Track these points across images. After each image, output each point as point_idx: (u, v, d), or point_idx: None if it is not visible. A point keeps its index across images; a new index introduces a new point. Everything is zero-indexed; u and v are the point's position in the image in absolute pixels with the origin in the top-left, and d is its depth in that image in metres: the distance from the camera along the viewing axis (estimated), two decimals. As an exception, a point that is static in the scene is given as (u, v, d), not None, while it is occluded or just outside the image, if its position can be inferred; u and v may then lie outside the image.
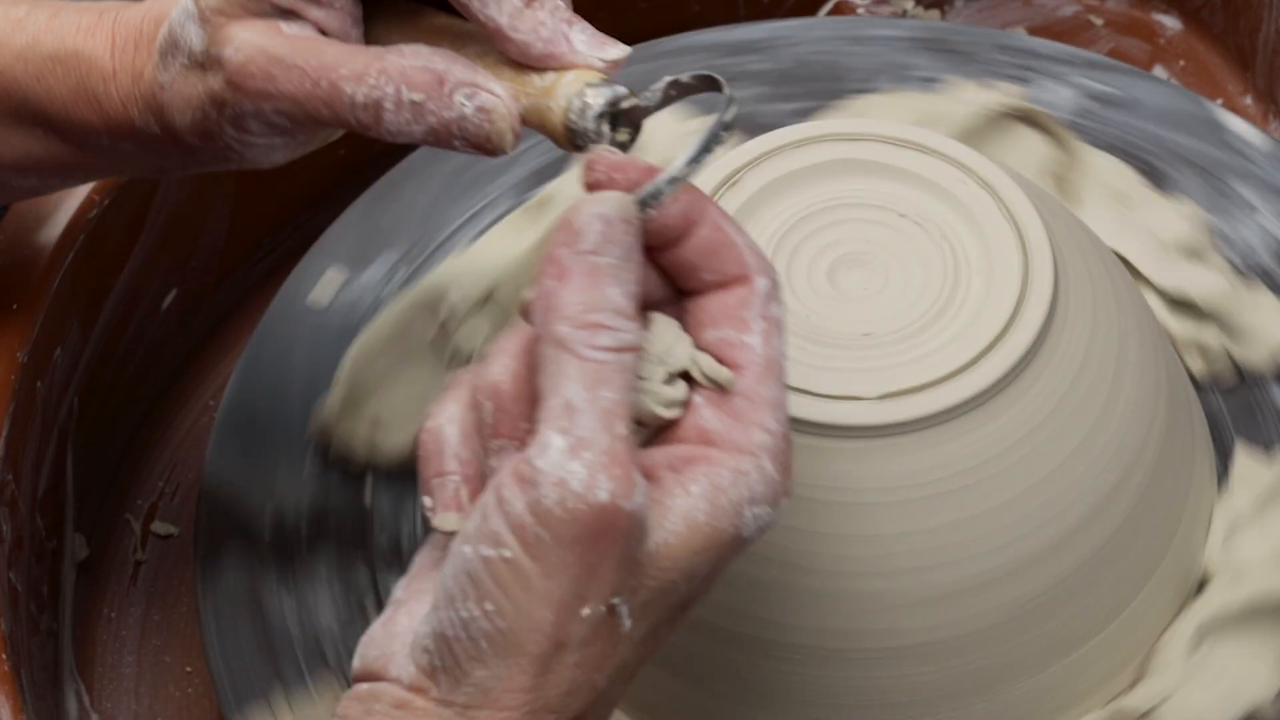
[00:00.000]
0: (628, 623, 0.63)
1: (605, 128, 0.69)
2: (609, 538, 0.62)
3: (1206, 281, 0.93)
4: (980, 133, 0.98)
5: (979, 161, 0.84)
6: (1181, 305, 0.93)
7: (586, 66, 0.70)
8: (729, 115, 0.66)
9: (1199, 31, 1.19)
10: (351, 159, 1.14)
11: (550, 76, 0.70)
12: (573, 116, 0.69)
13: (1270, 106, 1.14)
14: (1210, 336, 0.92)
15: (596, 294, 0.63)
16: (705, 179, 0.83)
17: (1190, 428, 0.87)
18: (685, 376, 0.66)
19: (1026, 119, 0.99)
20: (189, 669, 0.98)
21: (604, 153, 0.66)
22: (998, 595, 0.79)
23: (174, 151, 0.78)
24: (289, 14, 0.73)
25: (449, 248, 0.99)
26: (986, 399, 0.78)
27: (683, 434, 0.66)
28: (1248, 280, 0.94)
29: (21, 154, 0.81)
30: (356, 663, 0.66)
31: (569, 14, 0.70)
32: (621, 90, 0.69)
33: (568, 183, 0.99)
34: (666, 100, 0.69)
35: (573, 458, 0.61)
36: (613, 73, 0.70)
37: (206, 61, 0.74)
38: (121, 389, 1.04)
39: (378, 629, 0.66)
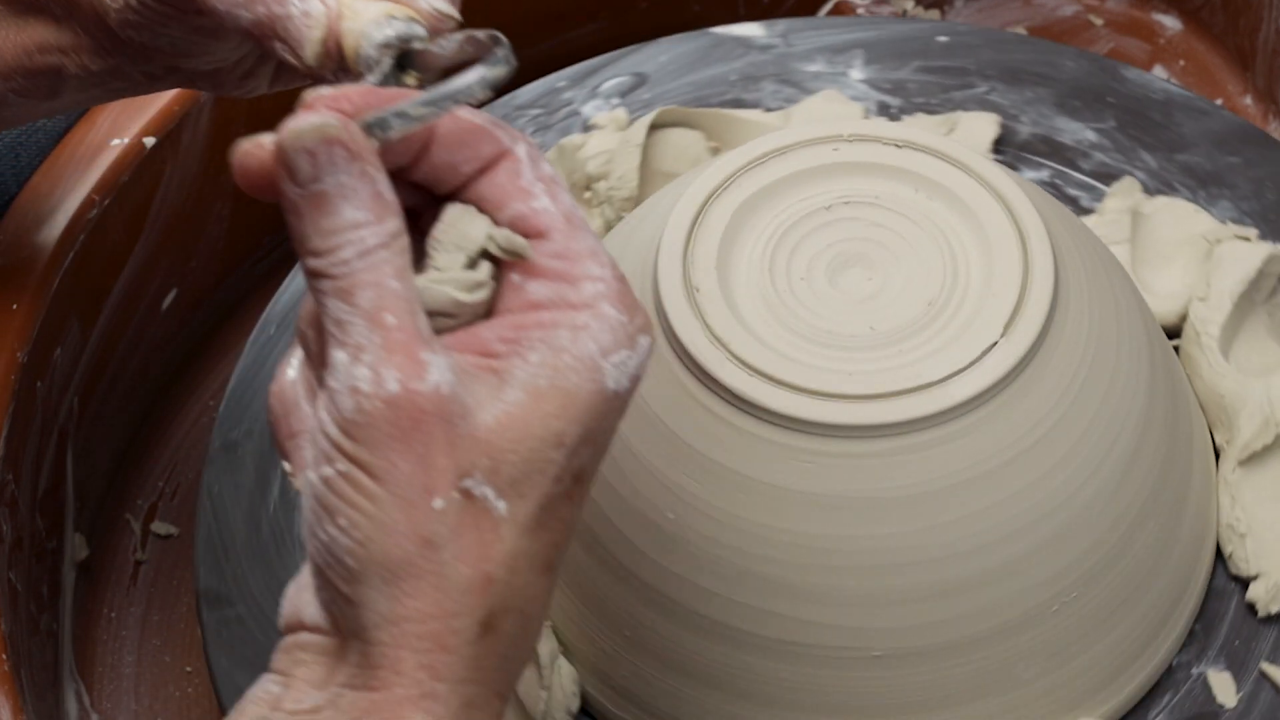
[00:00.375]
0: (500, 505, 0.62)
1: (387, 61, 0.69)
2: (422, 423, 0.61)
3: None
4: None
5: (979, 161, 0.84)
6: None
7: (405, 2, 0.70)
8: (494, 73, 0.65)
9: (1199, 31, 1.19)
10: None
11: (374, 7, 0.70)
12: (362, 41, 0.69)
13: (1270, 106, 1.14)
14: None
15: (330, 219, 0.63)
16: (706, 180, 0.83)
17: (1190, 430, 0.87)
18: (492, 259, 0.65)
19: None
20: (189, 669, 0.98)
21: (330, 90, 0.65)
22: (997, 594, 0.79)
23: (110, 46, 0.78)
24: None
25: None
26: (987, 399, 0.78)
27: (510, 307, 0.65)
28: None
29: None
30: (280, 620, 0.66)
31: None
32: (418, 30, 0.69)
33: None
34: (462, 54, 0.69)
35: (355, 364, 0.61)
36: (434, 23, 0.70)
37: None
38: (121, 389, 1.04)
39: (292, 583, 0.66)
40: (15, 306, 0.93)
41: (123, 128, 1.00)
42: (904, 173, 0.84)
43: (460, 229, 0.65)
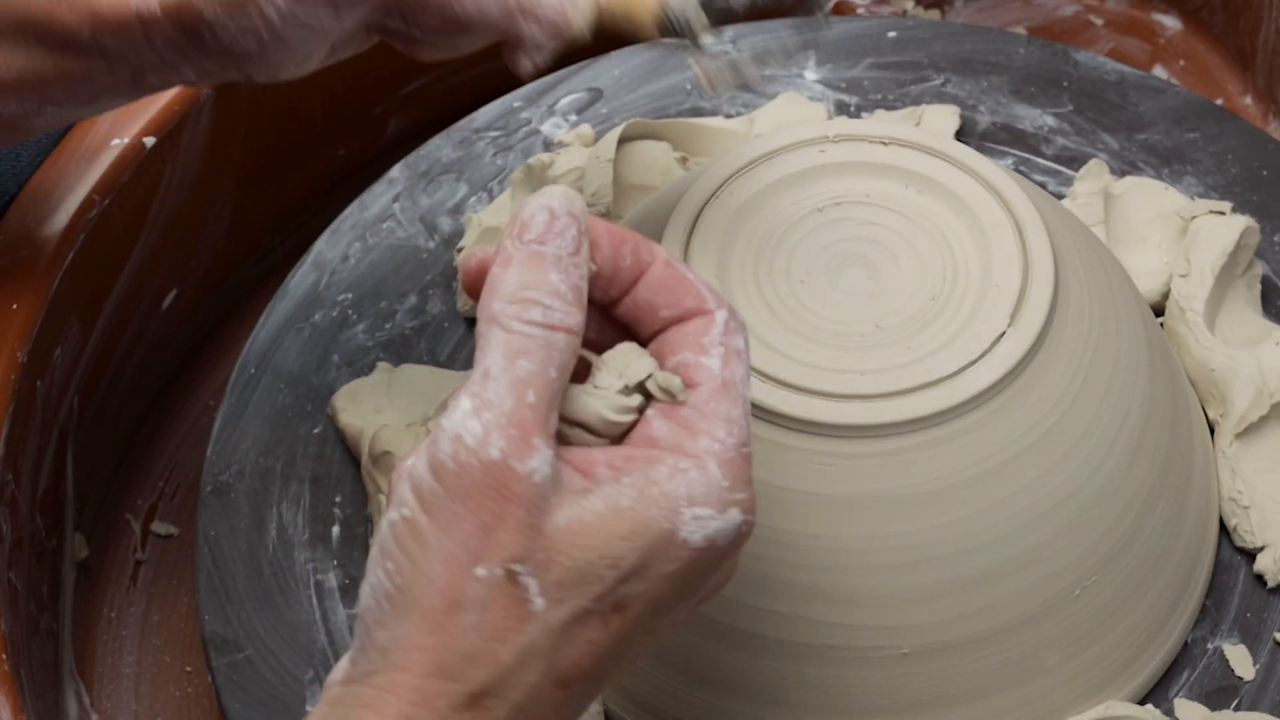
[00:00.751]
0: (538, 601, 0.63)
1: (703, 16, 0.72)
2: (502, 496, 0.62)
3: None
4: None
5: (979, 161, 0.84)
6: None
7: None
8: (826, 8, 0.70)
9: (1199, 31, 1.19)
10: (351, 159, 1.15)
11: None
12: (673, 2, 0.71)
13: (1270, 106, 1.14)
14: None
15: (534, 275, 0.64)
16: (698, 190, 0.83)
17: (1187, 406, 0.87)
18: (645, 394, 0.67)
19: None
20: (189, 669, 0.98)
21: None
22: (1021, 583, 0.79)
23: (165, 46, 0.77)
24: None
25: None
26: (987, 399, 0.78)
27: (631, 440, 0.67)
28: None
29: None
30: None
31: None
32: None
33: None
34: (752, 7, 0.72)
35: (473, 416, 0.62)
36: None
37: None
38: (121, 389, 1.04)
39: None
40: (15, 306, 0.93)
41: (123, 128, 1.00)
42: (893, 169, 0.84)
43: (628, 359, 0.67)
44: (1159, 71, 1.17)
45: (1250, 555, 0.88)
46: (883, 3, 1.20)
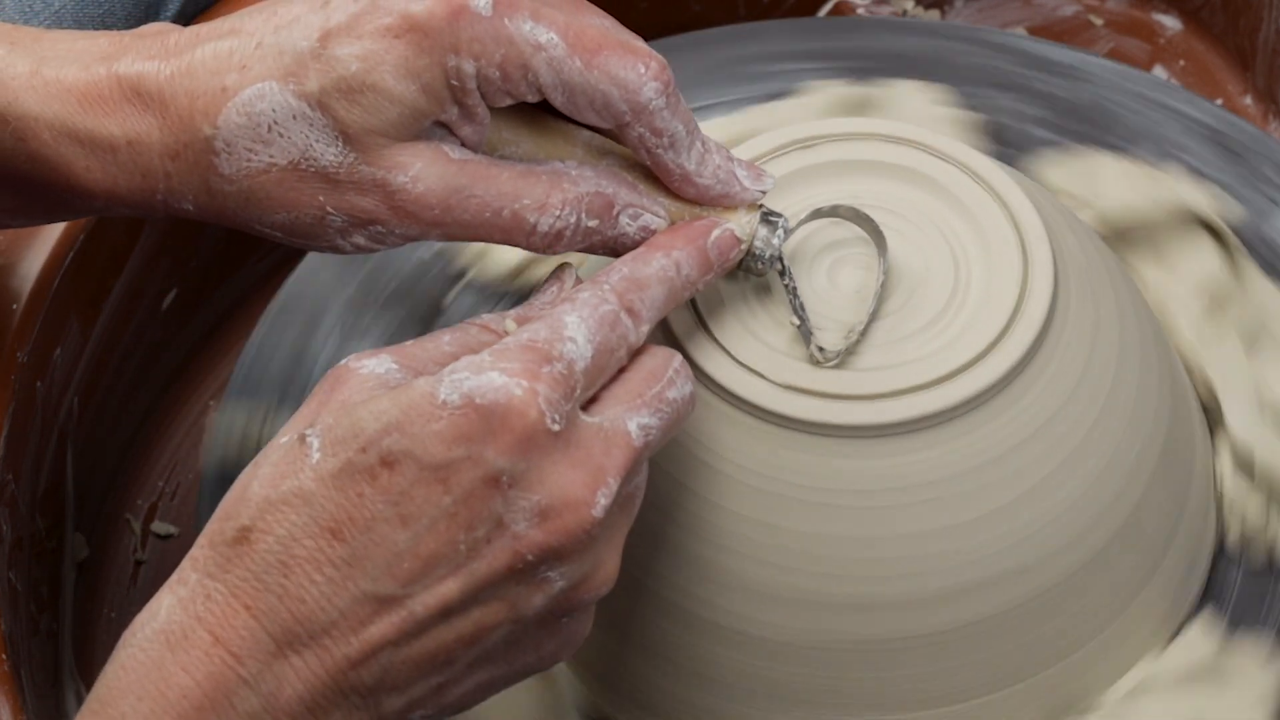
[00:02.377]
0: (316, 455, 0.67)
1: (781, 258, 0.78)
2: (334, 383, 0.69)
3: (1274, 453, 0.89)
4: (1157, 223, 0.96)
5: (979, 161, 0.84)
6: (1244, 466, 0.89)
7: (750, 206, 0.77)
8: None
9: (1199, 31, 1.19)
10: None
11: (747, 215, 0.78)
12: (759, 246, 0.77)
13: (1270, 106, 1.14)
14: (1255, 508, 0.88)
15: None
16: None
17: (1191, 437, 0.87)
18: None
19: (1208, 227, 0.95)
20: (189, 669, 0.98)
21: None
22: (991, 600, 0.79)
23: (184, 215, 0.77)
24: (443, 127, 0.73)
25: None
26: (986, 400, 0.78)
27: None
28: None
29: None
30: None
31: (728, 151, 0.77)
32: (789, 223, 0.78)
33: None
34: (801, 223, 0.80)
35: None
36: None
37: (352, 180, 0.73)
38: (121, 389, 1.04)
39: None
40: (15, 306, 0.93)
41: (123, 128, 1.00)
42: (904, 171, 0.84)
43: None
44: (1159, 71, 1.17)
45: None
46: (883, 3, 1.20)
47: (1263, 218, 0.96)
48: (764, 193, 0.77)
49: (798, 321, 0.78)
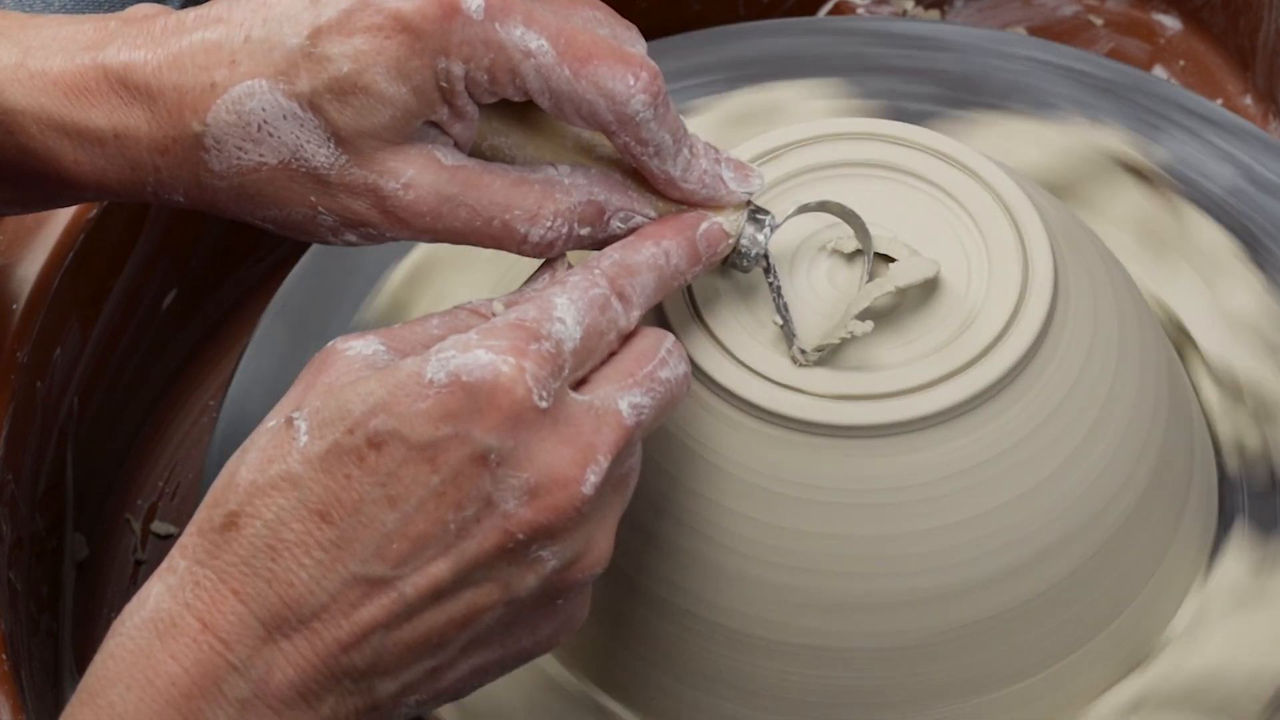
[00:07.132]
0: (304, 438, 0.67)
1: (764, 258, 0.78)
2: (322, 364, 0.69)
3: (1260, 371, 0.89)
4: (1079, 174, 0.96)
5: (979, 161, 0.84)
6: (1228, 387, 0.89)
7: (738, 205, 0.76)
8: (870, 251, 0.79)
9: (1199, 31, 1.19)
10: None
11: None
12: (744, 244, 0.77)
13: (1270, 106, 1.14)
14: (1249, 430, 0.88)
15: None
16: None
17: (1190, 441, 0.87)
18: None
19: (1133, 170, 0.96)
20: (189, 669, 0.98)
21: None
22: (987, 600, 0.79)
23: (174, 205, 0.77)
24: (434, 126, 0.73)
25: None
26: (984, 400, 0.78)
27: None
28: None
29: None
30: None
31: (716, 153, 0.76)
32: (775, 220, 0.77)
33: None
34: (787, 219, 0.79)
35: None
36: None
37: (343, 182, 0.73)
38: (121, 389, 1.04)
39: None
40: (15, 306, 0.93)
41: (123, 128, 1.00)
42: (904, 171, 0.84)
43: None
44: (1159, 71, 1.17)
45: None
46: (883, 3, 1.20)
47: (1168, 150, 0.97)
48: (750, 194, 0.77)
49: (780, 321, 0.78)
